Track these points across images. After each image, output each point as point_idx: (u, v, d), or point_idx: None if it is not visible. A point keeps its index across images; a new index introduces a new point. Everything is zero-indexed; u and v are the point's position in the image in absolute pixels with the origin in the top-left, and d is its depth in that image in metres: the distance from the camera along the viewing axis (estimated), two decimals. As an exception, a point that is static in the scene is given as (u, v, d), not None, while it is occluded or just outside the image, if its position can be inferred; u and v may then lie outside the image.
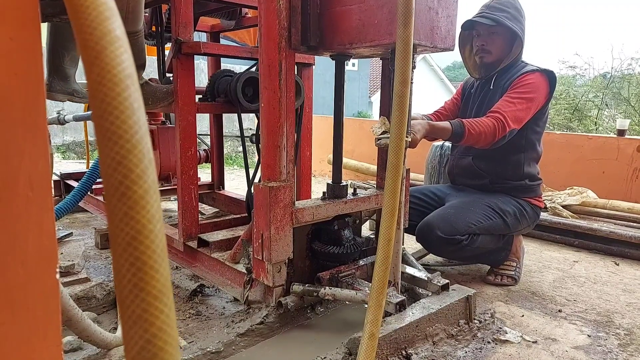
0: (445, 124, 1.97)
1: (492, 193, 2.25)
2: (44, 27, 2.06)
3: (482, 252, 2.17)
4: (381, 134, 1.61)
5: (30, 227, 0.45)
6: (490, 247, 2.18)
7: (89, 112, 3.04)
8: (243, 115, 2.13)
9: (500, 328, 1.74)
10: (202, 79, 8.52)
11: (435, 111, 2.53)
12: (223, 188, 3.05)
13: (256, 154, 2.04)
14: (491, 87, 2.28)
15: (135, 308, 0.29)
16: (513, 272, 2.24)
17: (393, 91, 1.15)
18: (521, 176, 2.25)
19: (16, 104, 0.43)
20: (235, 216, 2.43)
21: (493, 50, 2.21)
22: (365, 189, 3.01)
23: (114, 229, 0.30)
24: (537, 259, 2.65)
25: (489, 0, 2.21)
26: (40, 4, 0.43)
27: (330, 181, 1.86)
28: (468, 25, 2.23)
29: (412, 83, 1.30)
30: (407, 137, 1.44)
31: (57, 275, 0.48)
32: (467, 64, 2.39)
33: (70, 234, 2.70)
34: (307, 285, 1.69)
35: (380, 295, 1.18)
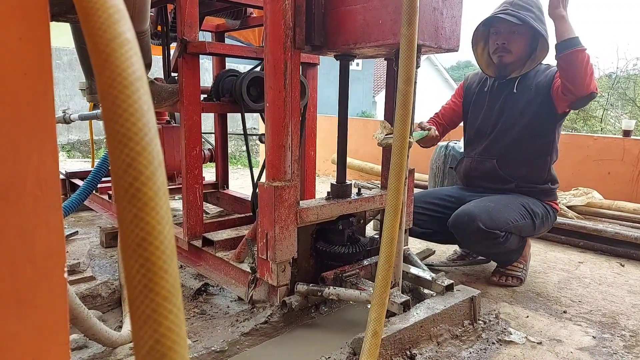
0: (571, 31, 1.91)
1: (519, 195, 2.21)
2: (66, 27, 2.02)
3: (505, 251, 2.12)
4: (384, 137, 1.61)
5: (39, 226, 0.45)
6: (513, 248, 2.14)
7: (95, 112, 3.05)
8: (247, 115, 2.13)
9: (504, 329, 1.74)
10: (206, 78, 8.56)
11: (430, 118, 2.46)
12: (227, 187, 3.05)
13: (260, 153, 2.04)
14: (514, 90, 2.20)
15: (145, 308, 0.30)
16: (520, 273, 2.23)
17: (397, 90, 1.15)
18: (545, 180, 2.23)
19: (25, 103, 0.43)
20: (239, 215, 2.43)
21: (514, 50, 2.14)
22: (370, 189, 3.01)
23: (124, 230, 0.31)
24: (542, 259, 2.64)
25: None
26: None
27: (334, 181, 1.87)
28: (489, 21, 2.15)
29: (416, 83, 1.30)
30: (410, 137, 1.44)
31: (65, 274, 0.48)
32: (479, 61, 2.31)
33: (76, 233, 2.72)
34: (311, 285, 1.69)
35: (383, 293, 1.18)
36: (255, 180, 2.20)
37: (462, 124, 2.51)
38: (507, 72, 2.21)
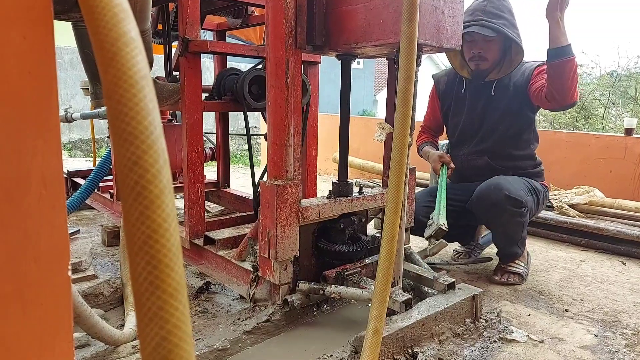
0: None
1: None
2: (67, 26, 2.01)
3: (519, 232, 2.17)
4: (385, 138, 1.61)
5: (43, 224, 0.45)
6: (523, 235, 2.20)
7: (96, 110, 3.06)
8: (248, 114, 2.13)
9: (506, 327, 1.74)
10: (207, 77, 8.55)
11: (424, 135, 2.61)
12: (229, 186, 3.06)
13: (261, 152, 2.04)
14: (492, 92, 2.28)
15: (151, 305, 0.30)
16: (521, 270, 2.24)
17: (397, 87, 1.15)
18: (535, 164, 2.36)
19: (29, 102, 0.43)
20: (241, 214, 2.43)
21: (490, 58, 2.21)
22: (371, 187, 3.01)
23: (130, 228, 0.31)
24: (544, 258, 2.64)
25: (482, 3, 2.15)
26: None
27: (335, 180, 1.87)
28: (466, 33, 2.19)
29: (417, 81, 1.30)
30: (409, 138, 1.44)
31: (69, 272, 0.49)
32: (453, 63, 2.37)
33: (78, 232, 2.73)
34: (313, 283, 1.69)
35: (384, 291, 1.18)
36: (256, 179, 2.21)
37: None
38: (484, 75, 2.28)
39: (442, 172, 2.33)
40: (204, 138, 2.63)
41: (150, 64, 2.17)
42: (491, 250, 2.74)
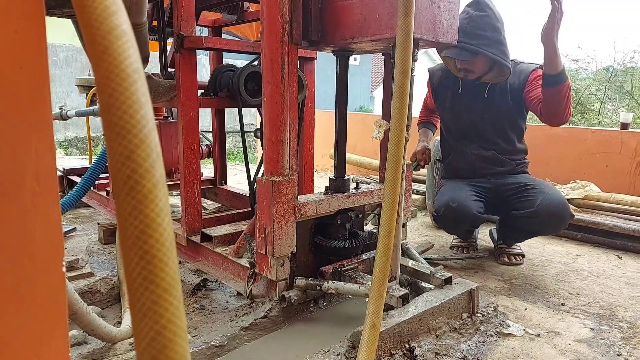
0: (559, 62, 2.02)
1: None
2: (63, 23, 2.01)
3: None
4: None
5: (37, 221, 0.45)
6: None
7: (92, 108, 3.04)
8: (244, 111, 2.12)
9: (503, 321, 1.75)
10: (203, 74, 8.53)
11: (425, 116, 2.75)
12: (225, 183, 3.05)
13: (257, 149, 2.03)
14: (485, 95, 2.34)
15: (145, 300, 0.30)
16: (521, 250, 2.49)
17: (393, 82, 1.14)
18: (526, 154, 2.51)
19: (22, 97, 0.43)
20: (238, 211, 2.43)
21: (476, 70, 2.27)
22: (368, 183, 3.01)
23: (123, 223, 0.31)
24: (540, 252, 2.65)
25: (464, 21, 2.11)
26: None
27: (332, 176, 1.87)
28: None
29: (413, 76, 1.30)
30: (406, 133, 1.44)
31: (63, 269, 0.48)
32: (448, 65, 2.42)
33: (74, 229, 2.72)
34: (310, 279, 1.70)
35: (381, 286, 1.18)
36: (252, 176, 2.20)
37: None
38: (477, 79, 2.35)
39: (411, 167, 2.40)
40: (200, 135, 2.62)
41: (147, 58, 2.16)
42: (488, 244, 2.74)
